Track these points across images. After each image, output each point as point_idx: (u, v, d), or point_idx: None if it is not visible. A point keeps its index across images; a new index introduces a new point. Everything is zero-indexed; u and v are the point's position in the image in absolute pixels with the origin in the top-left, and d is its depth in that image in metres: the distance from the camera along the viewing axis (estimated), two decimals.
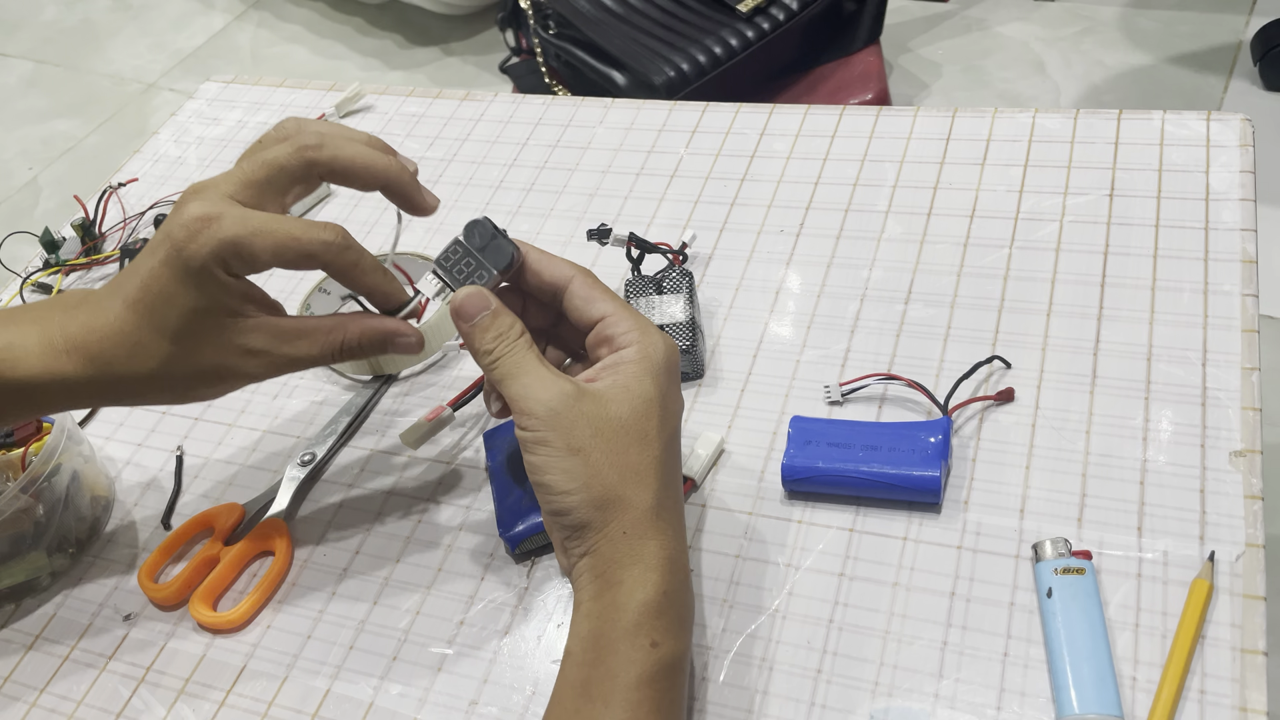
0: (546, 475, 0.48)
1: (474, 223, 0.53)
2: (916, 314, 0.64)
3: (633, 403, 0.49)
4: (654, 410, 0.49)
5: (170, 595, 0.59)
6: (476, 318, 0.51)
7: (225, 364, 0.51)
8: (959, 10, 2.14)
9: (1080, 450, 0.56)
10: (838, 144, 0.77)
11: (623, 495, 0.48)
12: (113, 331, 0.50)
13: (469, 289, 0.52)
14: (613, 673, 0.45)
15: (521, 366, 0.50)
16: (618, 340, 0.51)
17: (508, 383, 0.50)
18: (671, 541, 0.48)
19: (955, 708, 0.48)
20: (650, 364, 0.50)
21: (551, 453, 0.48)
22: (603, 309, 0.52)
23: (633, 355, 0.50)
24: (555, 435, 0.48)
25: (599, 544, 0.48)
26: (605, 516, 0.48)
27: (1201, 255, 0.63)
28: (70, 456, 0.62)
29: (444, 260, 0.53)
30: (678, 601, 0.48)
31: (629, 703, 0.44)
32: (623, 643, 0.46)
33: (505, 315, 0.51)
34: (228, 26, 2.60)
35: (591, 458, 0.48)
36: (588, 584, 0.48)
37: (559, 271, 0.53)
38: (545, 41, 1.55)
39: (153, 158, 0.93)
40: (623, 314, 0.52)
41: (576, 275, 0.53)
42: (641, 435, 0.49)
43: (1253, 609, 0.48)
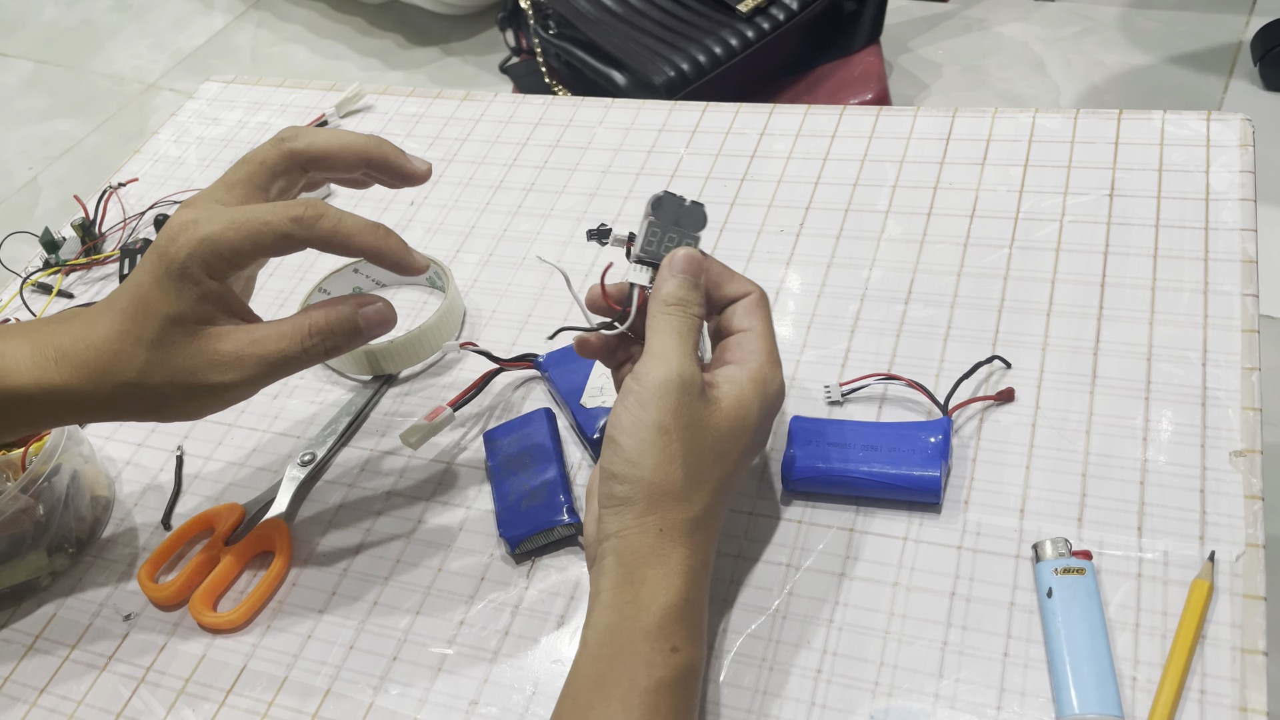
0: (626, 436, 0.48)
1: (658, 199, 0.53)
2: (916, 314, 0.64)
3: (733, 419, 0.50)
4: (745, 436, 0.50)
5: (170, 595, 0.59)
6: (682, 274, 0.52)
7: (196, 374, 0.50)
8: (959, 10, 2.14)
9: (1080, 450, 0.56)
10: (838, 144, 0.77)
11: (678, 495, 0.48)
12: (100, 340, 0.50)
13: (691, 252, 0.53)
14: (631, 674, 0.45)
15: (678, 332, 0.50)
16: (748, 356, 0.52)
17: (658, 335, 0.50)
18: (700, 555, 0.49)
19: (955, 708, 0.48)
20: (763, 390, 0.51)
21: (643, 418, 0.48)
22: (754, 324, 0.53)
23: (751, 374, 0.51)
24: (656, 406, 0.48)
25: (632, 531, 0.48)
26: (651, 506, 0.48)
27: (1201, 255, 0.63)
28: (70, 456, 0.62)
29: (648, 245, 0.53)
30: (698, 610, 0.48)
31: (646, 706, 0.44)
32: (643, 644, 0.45)
33: (700, 293, 0.52)
34: (228, 26, 2.60)
35: (672, 446, 0.48)
36: (610, 569, 0.48)
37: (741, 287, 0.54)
38: (545, 41, 1.55)
39: (153, 158, 0.93)
40: (766, 338, 0.53)
41: (754, 293, 0.54)
42: (723, 452, 0.50)
43: (1253, 609, 0.48)
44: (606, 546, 0.48)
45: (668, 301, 0.51)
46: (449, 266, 0.74)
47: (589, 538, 0.51)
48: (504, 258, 0.75)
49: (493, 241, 0.77)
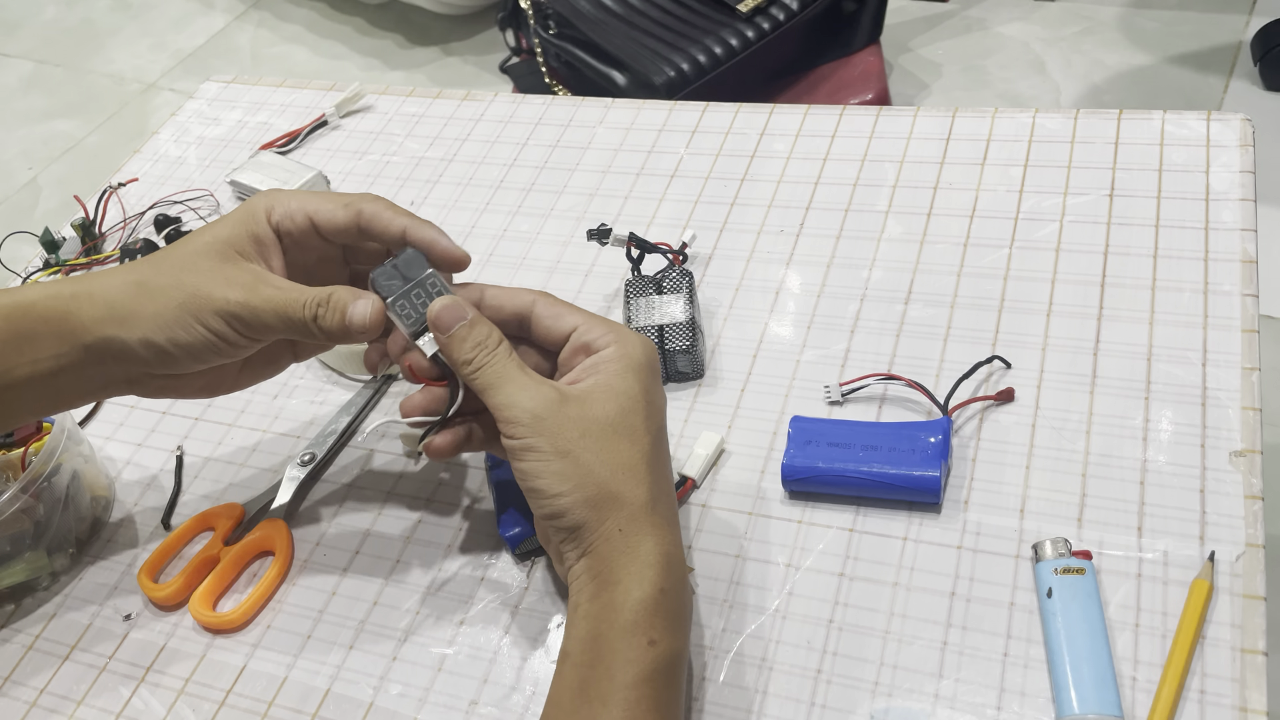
0: (538, 480, 0.48)
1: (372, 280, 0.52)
2: (916, 314, 0.64)
3: (618, 400, 0.49)
4: (639, 406, 0.50)
5: (170, 595, 0.59)
6: (454, 328, 0.51)
7: (205, 285, 0.52)
8: (959, 10, 2.14)
9: (1080, 450, 0.56)
10: (838, 144, 0.77)
11: (616, 492, 0.48)
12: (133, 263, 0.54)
13: (444, 299, 0.52)
14: (611, 672, 0.45)
15: (503, 375, 0.50)
16: (594, 345, 0.51)
17: (490, 393, 0.50)
18: (668, 538, 0.48)
19: (955, 708, 0.48)
20: (630, 361, 0.50)
21: (540, 457, 0.48)
22: (573, 321, 0.52)
23: (612, 354, 0.51)
24: (542, 440, 0.48)
25: (595, 544, 0.48)
26: (600, 515, 0.48)
27: (1201, 255, 0.63)
28: (70, 456, 0.62)
29: (407, 319, 0.52)
30: (675, 599, 0.48)
31: (627, 701, 0.44)
32: (620, 642, 0.45)
33: (483, 324, 0.51)
34: (228, 26, 2.60)
35: (581, 458, 0.48)
36: (585, 585, 0.48)
37: (520, 299, 0.53)
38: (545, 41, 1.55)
39: (153, 158, 0.93)
40: (594, 321, 0.52)
41: (538, 298, 0.53)
42: (629, 431, 0.49)
43: (1253, 609, 0.48)
44: (578, 568, 0.48)
45: (465, 361, 0.50)
46: None
47: (560, 571, 0.51)
48: (504, 258, 0.75)
49: (493, 241, 0.77)
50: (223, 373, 0.57)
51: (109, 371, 0.54)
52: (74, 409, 0.56)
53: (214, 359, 0.53)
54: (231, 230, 0.54)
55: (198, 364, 0.54)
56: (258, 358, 0.57)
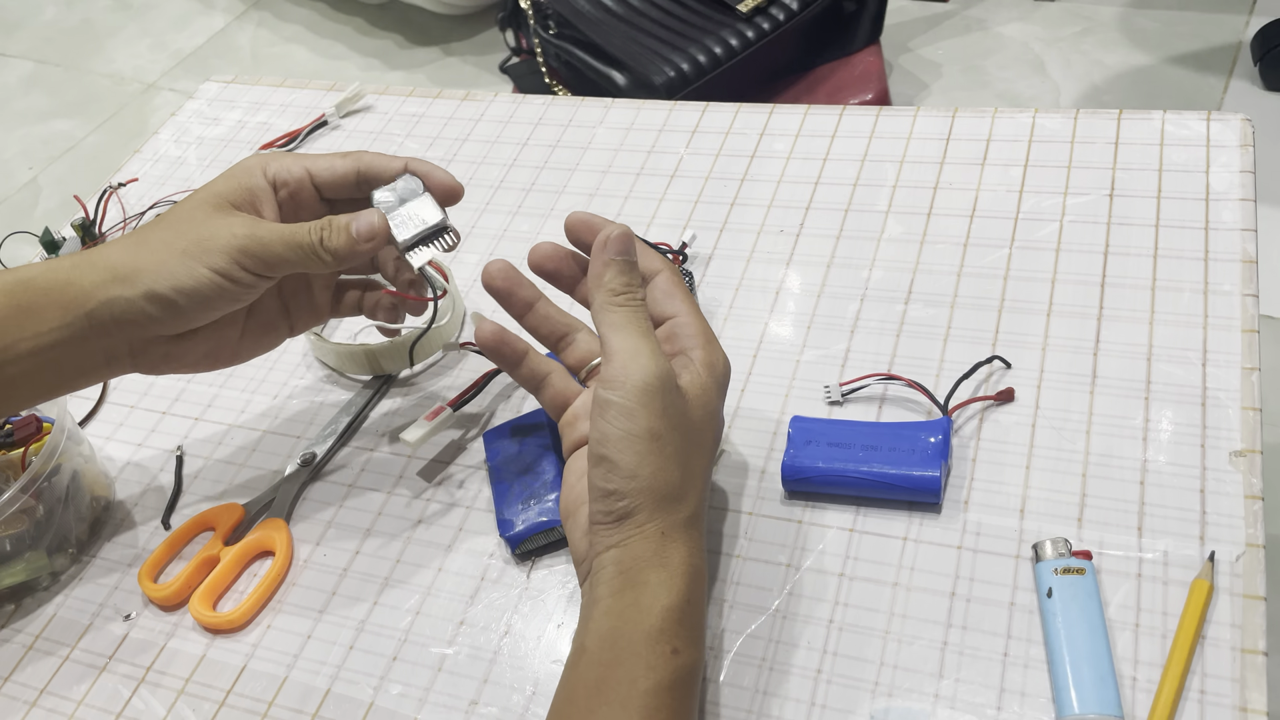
0: (619, 452, 0.46)
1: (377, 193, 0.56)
2: (916, 314, 0.64)
3: (704, 407, 0.49)
4: (715, 421, 0.50)
5: (170, 595, 0.59)
6: (620, 255, 0.50)
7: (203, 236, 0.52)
8: (959, 10, 2.14)
9: (1080, 450, 0.56)
10: (838, 144, 0.77)
11: (680, 495, 0.47)
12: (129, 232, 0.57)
13: (621, 228, 0.51)
14: (632, 676, 0.44)
15: (638, 327, 0.48)
16: (682, 341, 0.51)
17: (621, 333, 0.48)
18: (697, 551, 0.48)
19: (955, 708, 0.48)
20: (715, 376, 0.51)
21: (633, 429, 0.46)
22: (678, 307, 0.52)
23: (702, 361, 0.50)
24: (644, 413, 0.46)
25: (634, 539, 0.47)
26: (655, 513, 0.47)
27: (1201, 255, 0.63)
28: (70, 456, 0.62)
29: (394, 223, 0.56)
30: (698, 610, 0.48)
31: (646, 709, 0.44)
32: (644, 646, 0.45)
33: (639, 274, 0.50)
34: (228, 26, 2.60)
35: (667, 450, 0.47)
36: (610, 578, 0.47)
37: (650, 263, 0.53)
38: (545, 41, 1.55)
39: (153, 158, 0.93)
40: (695, 319, 0.52)
41: (665, 270, 0.53)
42: (703, 442, 0.49)
43: (1253, 609, 0.48)
44: (605, 557, 0.47)
45: (615, 291, 0.49)
46: (449, 266, 0.74)
47: (578, 554, 0.50)
48: (504, 258, 0.75)
49: (493, 241, 0.77)
50: (223, 337, 0.57)
51: (113, 342, 0.53)
52: (78, 390, 0.56)
53: (222, 304, 0.53)
54: (226, 185, 0.55)
55: (205, 311, 0.53)
56: (255, 325, 0.58)
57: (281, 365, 0.72)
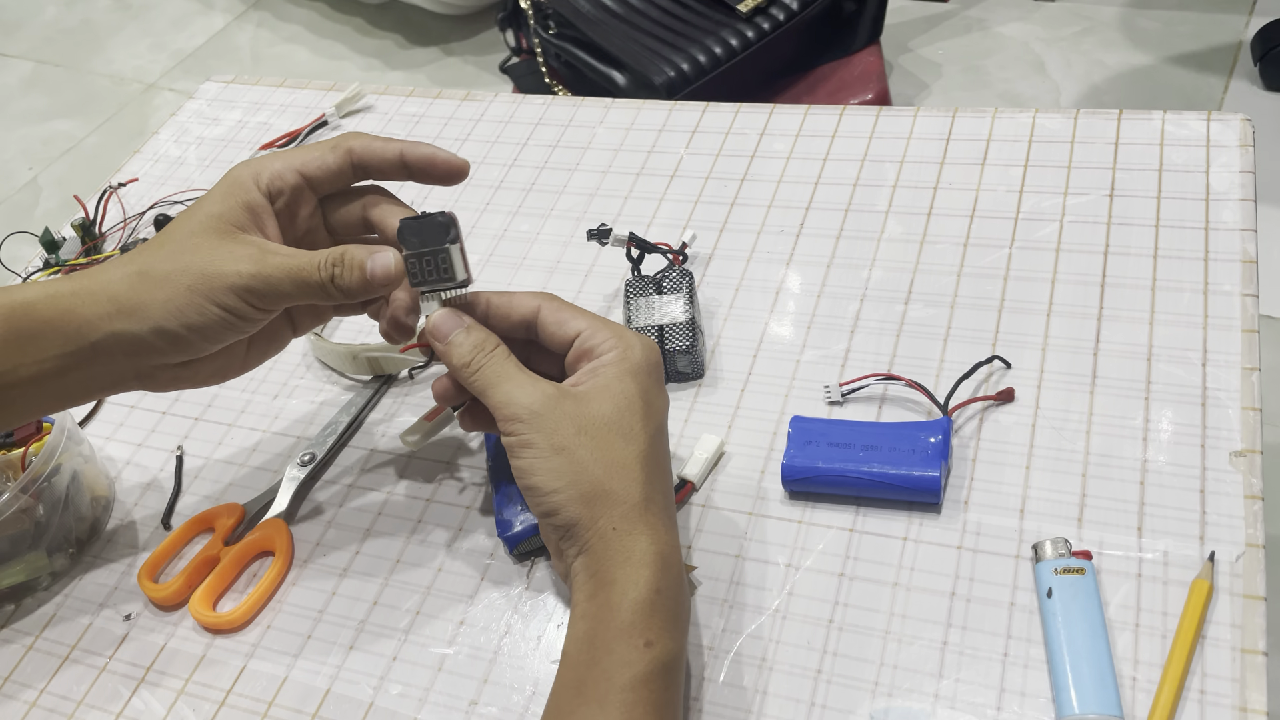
0: (533, 477, 0.49)
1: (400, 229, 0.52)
2: (916, 314, 0.64)
3: (614, 400, 0.50)
4: (636, 407, 0.50)
5: (170, 595, 0.59)
6: (451, 335, 0.52)
7: (212, 264, 0.51)
8: (959, 10, 2.14)
9: (1080, 450, 0.56)
10: (838, 144, 0.77)
11: (610, 490, 0.48)
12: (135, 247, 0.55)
13: (440, 312, 0.52)
14: (608, 673, 0.45)
15: (501, 374, 0.51)
16: (597, 350, 0.52)
17: (490, 392, 0.51)
18: (663, 537, 0.48)
19: (955, 708, 0.48)
20: (630, 364, 0.51)
21: (536, 454, 0.49)
22: (577, 325, 0.53)
23: (611, 358, 0.51)
24: (539, 436, 0.49)
25: (591, 541, 0.48)
26: (594, 512, 0.48)
27: (1201, 255, 0.63)
28: (70, 456, 0.62)
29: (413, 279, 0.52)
30: (671, 599, 0.48)
31: (624, 703, 0.44)
32: (617, 643, 0.46)
33: (478, 330, 0.52)
34: (228, 26, 2.60)
35: (576, 455, 0.48)
36: (583, 584, 0.48)
37: (525, 304, 0.54)
38: (545, 41, 1.55)
39: (153, 158, 0.93)
40: (598, 325, 0.53)
41: (543, 302, 0.54)
42: (625, 431, 0.49)
43: (1253, 609, 0.48)
44: (576, 566, 0.49)
45: (463, 364, 0.51)
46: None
47: (561, 574, 0.51)
48: (504, 258, 0.75)
49: (493, 241, 0.77)
50: (231, 355, 0.56)
51: (118, 367, 0.53)
52: (81, 405, 0.55)
53: (229, 336, 0.53)
54: (223, 205, 0.53)
55: (213, 344, 0.53)
56: (261, 336, 0.57)
57: (281, 365, 0.72)
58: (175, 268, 0.51)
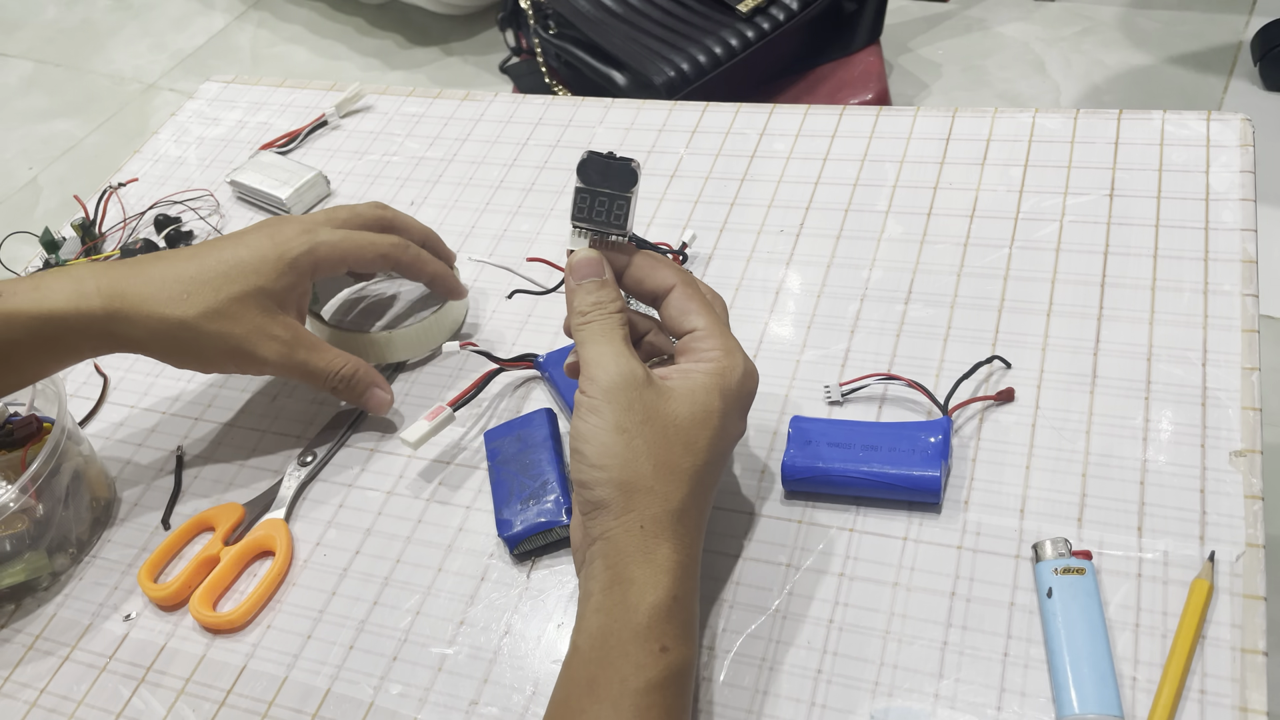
0: (586, 444, 0.49)
1: (582, 162, 0.52)
2: (916, 314, 0.64)
3: (693, 408, 0.50)
4: (711, 423, 0.50)
5: (170, 595, 0.59)
6: (585, 279, 0.52)
7: (249, 340, 0.60)
8: (959, 10, 2.14)
9: (1080, 450, 0.56)
10: (838, 144, 0.77)
11: (651, 488, 0.48)
12: (166, 278, 0.59)
13: (588, 253, 0.53)
14: (622, 675, 0.45)
15: (605, 336, 0.51)
16: (702, 355, 0.51)
17: (587, 346, 0.51)
18: (686, 549, 0.48)
19: (955, 708, 0.48)
20: (722, 381, 0.51)
21: (599, 424, 0.49)
22: (695, 322, 0.52)
23: (708, 368, 0.51)
24: (608, 408, 0.49)
25: (615, 531, 0.48)
26: (626, 503, 0.48)
27: (1201, 255, 0.63)
28: (70, 456, 0.62)
29: (578, 213, 0.53)
30: (686, 608, 0.48)
31: (638, 708, 0.44)
32: (633, 645, 0.45)
33: (610, 288, 0.53)
34: (228, 26, 2.60)
35: (634, 442, 0.48)
36: (599, 572, 0.48)
37: (662, 280, 0.54)
38: (545, 41, 1.55)
39: (153, 158, 0.93)
40: (714, 331, 0.52)
41: (678, 284, 0.53)
42: (690, 441, 0.49)
43: (1253, 609, 0.48)
44: (594, 550, 0.48)
45: (581, 311, 0.52)
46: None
47: (575, 544, 0.51)
48: (504, 258, 0.75)
49: (493, 242, 0.77)
50: None
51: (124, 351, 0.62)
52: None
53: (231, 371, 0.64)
54: (278, 284, 0.61)
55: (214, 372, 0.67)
56: None
57: None
58: (217, 331, 0.59)
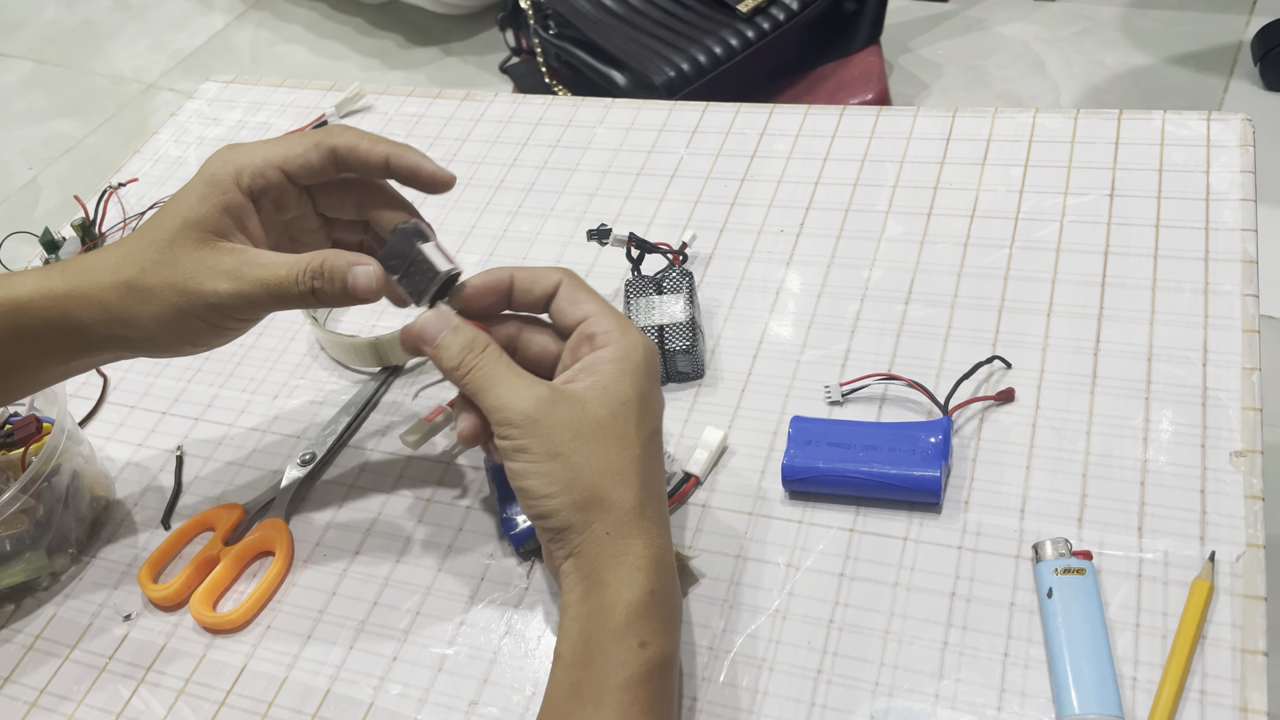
0: (527, 481, 0.48)
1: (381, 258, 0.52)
2: (917, 314, 0.64)
3: (610, 404, 0.49)
4: (632, 410, 0.49)
5: (170, 595, 0.59)
6: (439, 336, 0.51)
7: (193, 279, 0.51)
8: (959, 10, 2.14)
9: (1080, 450, 0.56)
10: (838, 144, 0.77)
11: (605, 496, 0.48)
12: (114, 247, 0.53)
13: (428, 314, 0.52)
14: (603, 674, 0.45)
15: (493, 377, 0.50)
16: (598, 339, 0.51)
17: (483, 395, 0.50)
18: (657, 540, 0.48)
19: (955, 708, 0.48)
20: (629, 364, 0.50)
21: (531, 459, 0.48)
22: (586, 309, 0.52)
23: (610, 355, 0.50)
24: (534, 441, 0.48)
25: (583, 545, 0.48)
26: (588, 518, 0.48)
27: (1202, 255, 0.63)
28: (70, 456, 0.62)
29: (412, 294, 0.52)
30: (665, 601, 0.48)
31: (620, 704, 0.44)
32: (612, 644, 0.46)
33: (467, 329, 0.51)
34: (228, 26, 2.60)
35: (571, 460, 0.48)
36: (574, 585, 0.48)
37: (548, 279, 0.53)
38: (545, 41, 1.55)
39: (153, 158, 0.93)
40: (605, 313, 0.52)
41: (564, 278, 0.53)
42: (621, 436, 0.49)
43: (1253, 609, 0.48)
44: (566, 567, 0.48)
45: (454, 366, 0.50)
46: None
47: (550, 570, 0.51)
48: (504, 258, 0.75)
49: (493, 241, 0.77)
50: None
51: (120, 355, 0.56)
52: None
53: (221, 341, 0.55)
54: (202, 208, 0.52)
55: (207, 348, 0.55)
56: None
57: (282, 365, 0.72)
58: (159, 282, 0.52)
